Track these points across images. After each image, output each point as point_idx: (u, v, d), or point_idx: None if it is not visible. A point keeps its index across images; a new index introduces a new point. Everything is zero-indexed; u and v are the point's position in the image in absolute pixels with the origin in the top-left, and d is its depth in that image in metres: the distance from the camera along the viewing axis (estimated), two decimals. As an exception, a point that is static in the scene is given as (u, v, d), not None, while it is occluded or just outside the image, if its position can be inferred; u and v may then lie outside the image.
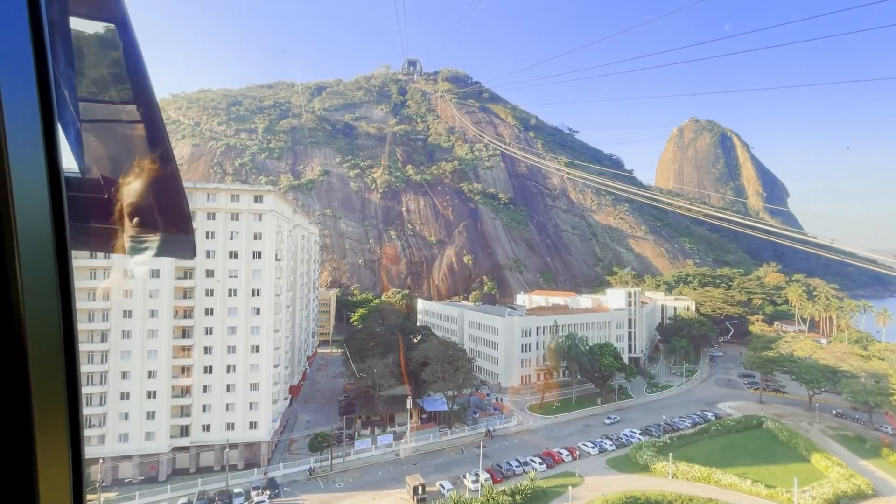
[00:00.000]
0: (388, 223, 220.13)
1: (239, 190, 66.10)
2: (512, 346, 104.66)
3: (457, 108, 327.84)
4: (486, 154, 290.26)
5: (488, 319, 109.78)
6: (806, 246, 59.38)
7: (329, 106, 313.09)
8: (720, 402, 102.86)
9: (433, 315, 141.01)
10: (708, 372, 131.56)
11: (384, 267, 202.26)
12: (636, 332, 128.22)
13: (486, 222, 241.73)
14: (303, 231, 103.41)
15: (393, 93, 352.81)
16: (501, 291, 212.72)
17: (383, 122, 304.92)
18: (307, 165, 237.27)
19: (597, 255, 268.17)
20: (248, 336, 65.38)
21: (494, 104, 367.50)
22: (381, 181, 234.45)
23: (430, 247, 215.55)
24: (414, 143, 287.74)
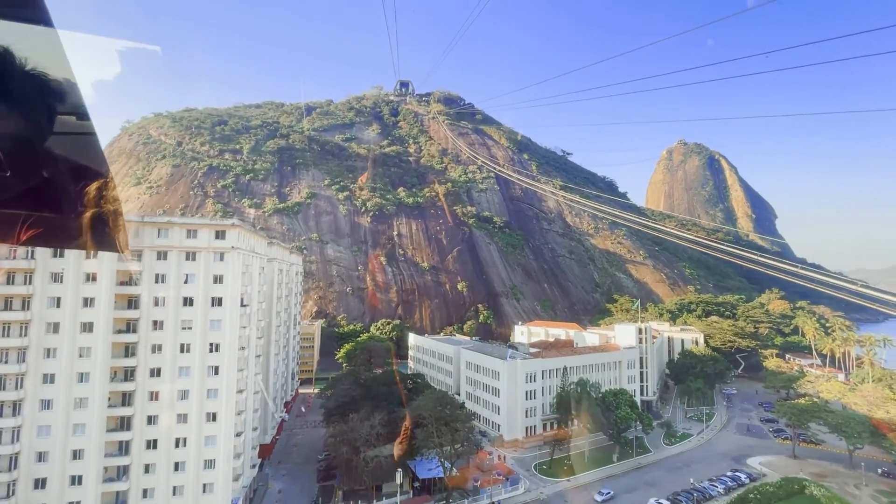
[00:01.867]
0: (378, 248, 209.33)
1: (196, 225, 55.23)
2: (515, 392, 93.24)
3: (450, 130, 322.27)
4: (480, 176, 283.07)
5: (488, 362, 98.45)
6: (796, 278, 51.19)
7: (319, 126, 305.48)
8: (748, 455, 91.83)
9: (426, 352, 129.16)
10: (726, 415, 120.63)
11: (374, 295, 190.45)
12: (648, 373, 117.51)
13: (481, 247, 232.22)
14: (280, 265, 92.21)
15: (385, 113, 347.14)
16: (498, 320, 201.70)
17: (375, 143, 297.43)
18: (294, 187, 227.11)
19: (595, 281, 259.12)
20: (202, 402, 53.51)
21: (487, 126, 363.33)
22: (372, 204, 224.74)
23: (423, 273, 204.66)
24: (406, 165, 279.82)
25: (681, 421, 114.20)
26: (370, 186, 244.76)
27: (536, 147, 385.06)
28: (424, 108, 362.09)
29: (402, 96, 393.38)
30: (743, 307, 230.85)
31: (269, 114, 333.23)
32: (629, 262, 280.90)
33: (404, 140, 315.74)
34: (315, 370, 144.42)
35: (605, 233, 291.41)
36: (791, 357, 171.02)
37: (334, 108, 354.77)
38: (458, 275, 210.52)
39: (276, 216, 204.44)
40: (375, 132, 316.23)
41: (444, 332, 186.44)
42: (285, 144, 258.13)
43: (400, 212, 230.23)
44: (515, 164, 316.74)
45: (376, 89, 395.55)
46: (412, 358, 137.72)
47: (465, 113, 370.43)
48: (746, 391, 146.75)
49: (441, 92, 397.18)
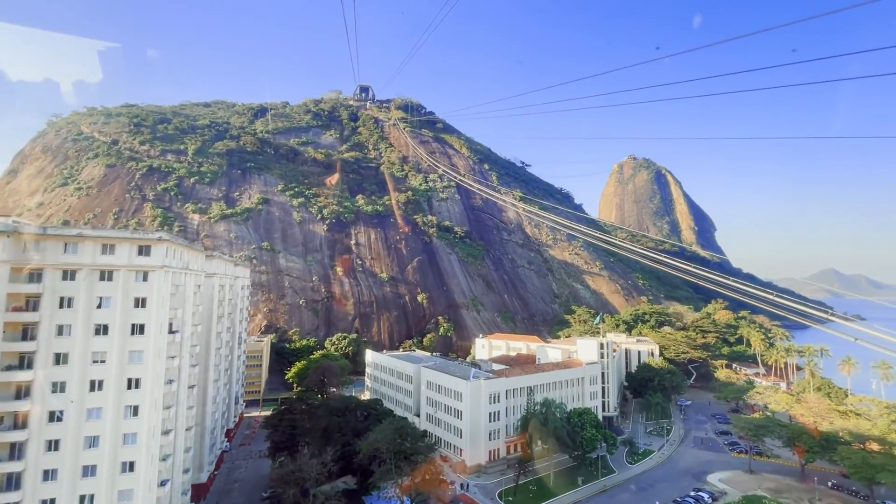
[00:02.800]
0: (334, 258, 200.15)
1: (114, 239, 46.78)
2: (478, 414, 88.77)
3: (410, 137, 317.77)
4: (441, 185, 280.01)
5: (450, 382, 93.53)
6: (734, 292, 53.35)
7: (273, 128, 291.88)
8: (708, 472, 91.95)
9: (384, 370, 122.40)
10: (683, 428, 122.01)
11: (329, 308, 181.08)
12: (609, 388, 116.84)
13: (442, 257, 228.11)
14: (222, 280, 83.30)
15: (344, 118, 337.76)
16: (458, 333, 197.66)
17: (332, 148, 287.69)
18: (244, 192, 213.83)
19: (554, 292, 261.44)
20: (117, 449, 44.97)
21: (448, 135, 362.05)
22: (329, 211, 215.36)
23: (382, 284, 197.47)
24: (366, 172, 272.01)
25: (641, 436, 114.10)
26: (335, 192, 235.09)
27: (497, 157, 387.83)
28: (385, 115, 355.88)
29: (361, 101, 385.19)
30: (692, 317, 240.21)
31: (219, 113, 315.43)
32: (586, 273, 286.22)
33: (364, 146, 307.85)
34: (263, 390, 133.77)
35: (564, 244, 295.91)
36: (738, 367, 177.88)
37: (290, 110, 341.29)
38: (417, 286, 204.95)
39: (223, 223, 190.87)
40: (334, 137, 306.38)
41: (404, 346, 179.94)
42: (236, 146, 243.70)
43: (358, 220, 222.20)
44: (476, 173, 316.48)
45: (335, 93, 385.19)
46: (369, 376, 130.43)
47: (425, 121, 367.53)
48: (699, 402, 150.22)
49: (402, 99, 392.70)
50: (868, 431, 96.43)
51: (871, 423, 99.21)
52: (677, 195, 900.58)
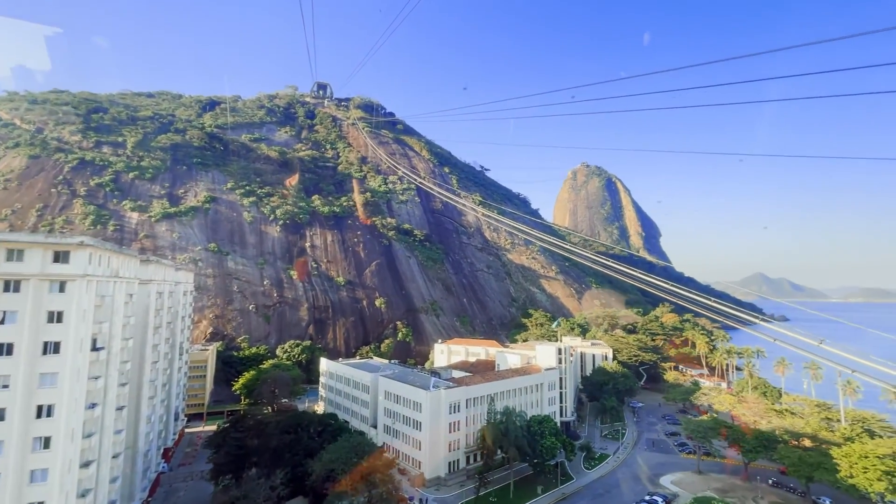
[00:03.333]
0: (288, 261, 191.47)
1: (22, 243, 40.44)
2: (438, 425, 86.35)
3: (370, 137, 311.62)
4: (401, 187, 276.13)
5: (410, 392, 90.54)
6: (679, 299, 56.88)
7: (223, 123, 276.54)
8: (661, 474, 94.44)
9: (339, 379, 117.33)
10: (636, 430, 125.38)
11: (282, 313, 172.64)
12: (567, 393, 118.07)
13: (401, 261, 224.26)
14: (160, 286, 76.10)
15: (300, 115, 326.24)
16: (417, 338, 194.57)
17: (288, 146, 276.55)
18: (189, 190, 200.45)
19: (512, 296, 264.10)
20: (21, 489, 38.67)
21: (409, 137, 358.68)
22: (282, 212, 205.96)
23: (338, 289, 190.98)
24: (322, 171, 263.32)
25: (597, 439, 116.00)
26: (291, 192, 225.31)
27: (457, 161, 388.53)
28: (343, 113, 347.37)
29: (319, 99, 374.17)
30: (642, 320, 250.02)
31: (164, 105, 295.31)
32: (543, 277, 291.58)
33: (321, 145, 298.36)
34: (207, 403, 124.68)
35: (521, 248, 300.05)
36: (684, 368, 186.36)
37: (242, 104, 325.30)
38: (376, 290, 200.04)
39: (165, 222, 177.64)
40: (289, 134, 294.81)
41: (361, 352, 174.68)
42: (181, 141, 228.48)
43: (314, 221, 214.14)
44: (436, 176, 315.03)
45: (291, 89, 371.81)
46: (324, 386, 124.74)
47: (385, 122, 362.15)
48: (650, 403, 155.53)
49: (361, 98, 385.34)
50: (802, 429, 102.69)
51: (804, 422, 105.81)
52: (626, 202, 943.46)
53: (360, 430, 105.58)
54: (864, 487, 70.36)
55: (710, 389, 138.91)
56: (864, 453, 73.69)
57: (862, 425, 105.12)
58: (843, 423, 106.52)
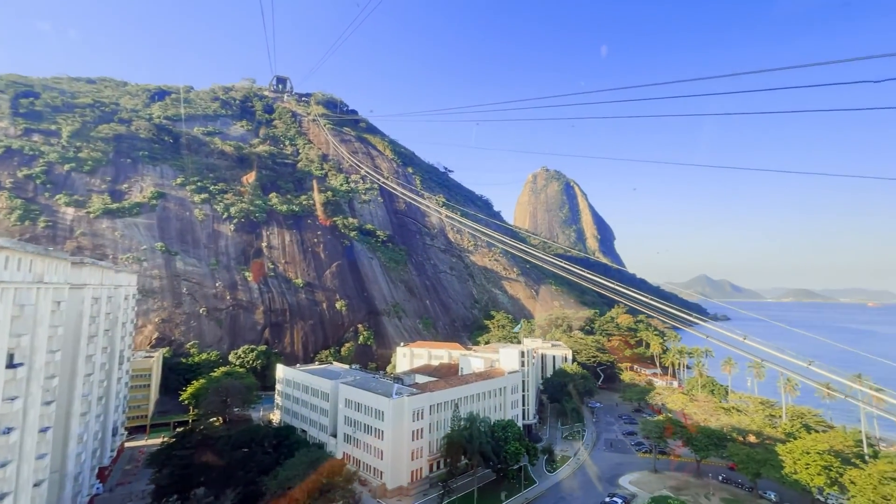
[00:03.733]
0: (243, 262, 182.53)
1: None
2: (401, 433, 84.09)
3: (332, 135, 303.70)
4: (364, 187, 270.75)
5: (372, 400, 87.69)
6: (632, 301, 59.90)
7: (174, 115, 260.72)
8: (619, 475, 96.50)
9: (297, 387, 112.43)
10: (595, 430, 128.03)
11: (236, 317, 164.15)
12: (529, 396, 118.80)
13: (363, 262, 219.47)
14: (96, 291, 69.46)
15: (258, 109, 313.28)
16: (379, 341, 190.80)
17: (244, 141, 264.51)
18: (135, 185, 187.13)
19: (474, 297, 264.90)
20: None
21: (372, 135, 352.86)
22: (237, 209, 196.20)
23: (296, 291, 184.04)
24: (281, 168, 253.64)
25: (558, 441, 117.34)
26: (248, 190, 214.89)
27: (420, 161, 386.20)
28: (304, 109, 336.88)
29: (278, 93, 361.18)
30: (599, 321, 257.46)
31: (106, 92, 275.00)
32: (504, 278, 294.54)
33: (279, 140, 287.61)
34: (151, 414, 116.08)
35: (484, 250, 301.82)
36: (639, 368, 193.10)
37: (195, 96, 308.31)
38: (336, 292, 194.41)
39: (106, 219, 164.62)
40: (245, 129, 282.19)
41: (319, 357, 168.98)
42: (126, 132, 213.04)
43: (272, 220, 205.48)
44: (400, 177, 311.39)
45: (248, 82, 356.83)
46: (280, 393, 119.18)
47: (348, 119, 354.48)
48: (608, 403, 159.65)
49: (323, 94, 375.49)
50: (748, 426, 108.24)
51: (750, 419, 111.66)
52: (583, 206, 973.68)
53: (318, 439, 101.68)
54: (806, 482, 74.50)
55: (663, 389, 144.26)
56: (805, 449, 78.08)
57: (800, 421, 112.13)
58: (784, 420, 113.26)
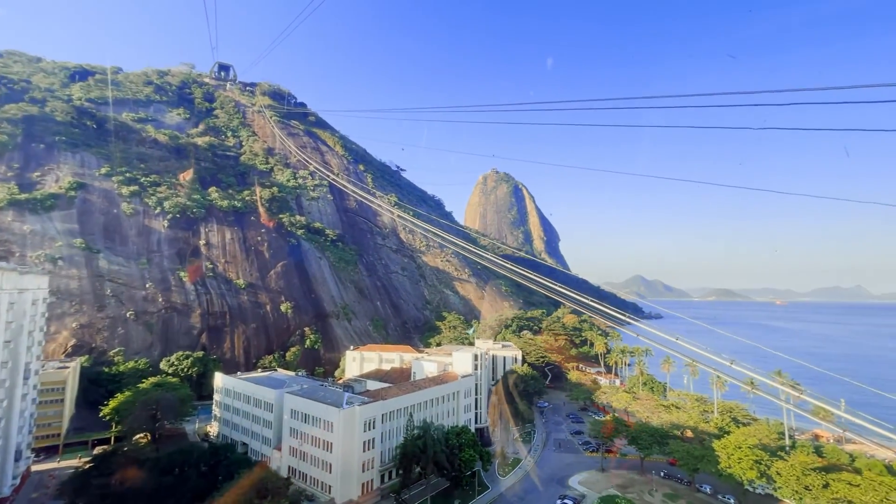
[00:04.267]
0: (178, 261, 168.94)
1: None
2: (352, 445, 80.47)
3: (278, 127, 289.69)
4: (312, 183, 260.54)
5: (320, 410, 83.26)
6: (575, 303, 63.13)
7: (99, 97, 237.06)
8: (569, 475, 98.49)
9: (237, 397, 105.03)
10: (544, 430, 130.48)
11: (169, 321, 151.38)
12: (482, 399, 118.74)
13: (311, 262, 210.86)
14: (-3, 298, 60.22)
15: (197, 97, 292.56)
16: (326, 345, 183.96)
17: (181, 130, 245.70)
18: (49, 173, 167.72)
19: (426, 298, 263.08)
20: None
21: (322, 130, 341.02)
22: (171, 204, 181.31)
23: (238, 292, 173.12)
24: (222, 161, 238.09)
25: (510, 443, 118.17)
26: (189, 183, 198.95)
27: (372, 159, 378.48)
28: (248, 99, 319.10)
29: (220, 81, 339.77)
30: (546, 321, 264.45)
31: (15, 68, 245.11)
32: (456, 279, 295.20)
33: (221, 131, 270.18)
34: (65, 433, 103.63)
35: (436, 250, 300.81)
36: (584, 367, 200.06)
37: (125, 78, 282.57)
38: (281, 294, 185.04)
39: (12, 211, 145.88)
40: (183, 117, 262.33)
41: (263, 362, 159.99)
42: (39, 113, 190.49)
43: (211, 216, 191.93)
44: (351, 174, 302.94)
45: (186, 67, 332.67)
46: (219, 404, 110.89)
47: (296, 112, 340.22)
48: (555, 402, 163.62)
49: (270, 85, 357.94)
50: (686, 422, 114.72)
51: (687, 415, 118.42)
52: (531, 208, 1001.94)
53: (261, 452, 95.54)
54: (740, 475, 79.47)
55: (608, 388, 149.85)
56: (738, 444, 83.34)
57: (730, 415, 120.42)
58: (716, 415, 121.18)
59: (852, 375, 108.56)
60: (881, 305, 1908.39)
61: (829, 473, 75.28)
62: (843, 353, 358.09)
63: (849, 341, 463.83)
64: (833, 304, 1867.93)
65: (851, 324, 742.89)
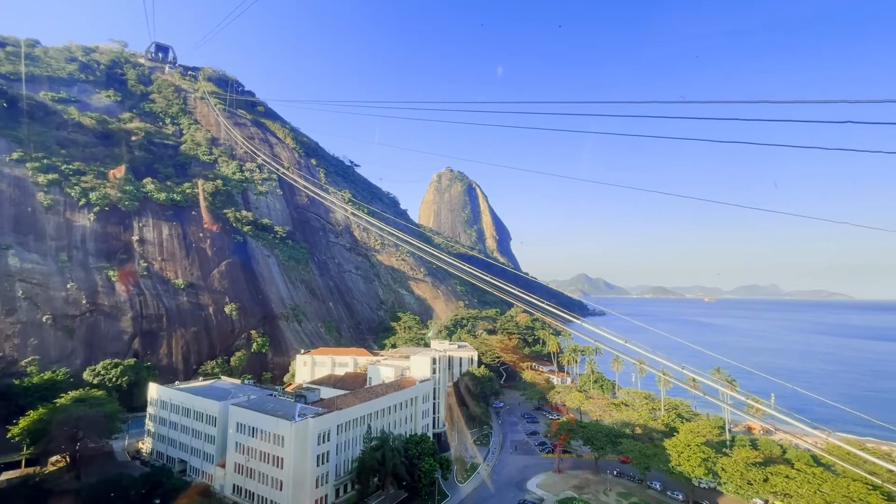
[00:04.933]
0: (106, 258, 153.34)
1: None
2: (304, 460, 75.63)
3: (224, 117, 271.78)
4: (260, 177, 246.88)
5: (270, 424, 77.56)
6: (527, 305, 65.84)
7: (9, 72, 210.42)
8: (527, 478, 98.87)
9: (175, 410, 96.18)
10: (501, 432, 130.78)
11: (94, 325, 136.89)
12: (440, 403, 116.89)
13: (258, 260, 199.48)
14: None
15: (130, 79, 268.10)
16: (275, 348, 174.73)
17: (111, 114, 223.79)
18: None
19: (380, 298, 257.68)
20: None
21: (271, 121, 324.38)
22: (98, 195, 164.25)
23: (176, 293, 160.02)
24: (159, 150, 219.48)
25: (468, 447, 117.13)
26: (121, 173, 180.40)
27: (325, 153, 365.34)
28: (190, 84, 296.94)
29: (157, 63, 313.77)
30: (501, 320, 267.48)
31: None
32: (411, 278, 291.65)
33: (158, 117, 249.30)
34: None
35: (391, 249, 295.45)
36: (537, 366, 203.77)
37: (42, 53, 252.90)
38: (225, 294, 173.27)
39: None
40: (113, 100, 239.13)
41: (204, 368, 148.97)
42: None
43: (146, 210, 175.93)
44: (302, 168, 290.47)
45: (116, 44, 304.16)
46: (153, 418, 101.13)
47: (243, 101, 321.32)
48: (510, 401, 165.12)
49: (214, 70, 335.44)
50: (636, 420, 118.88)
51: (637, 413, 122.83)
52: (484, 207, 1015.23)
53: (202, 470, 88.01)
54: (689, 473, 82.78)
55: (562, 388, 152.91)
56: (686, 443, 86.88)
57: (675, 412, 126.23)
58: (662, 412, 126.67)
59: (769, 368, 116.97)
60: (792, 302, 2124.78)
61: (767, 467, 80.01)
62: (761, 346, 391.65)
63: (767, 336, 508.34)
64: (753, 301, 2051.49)
65: (769, 319, 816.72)
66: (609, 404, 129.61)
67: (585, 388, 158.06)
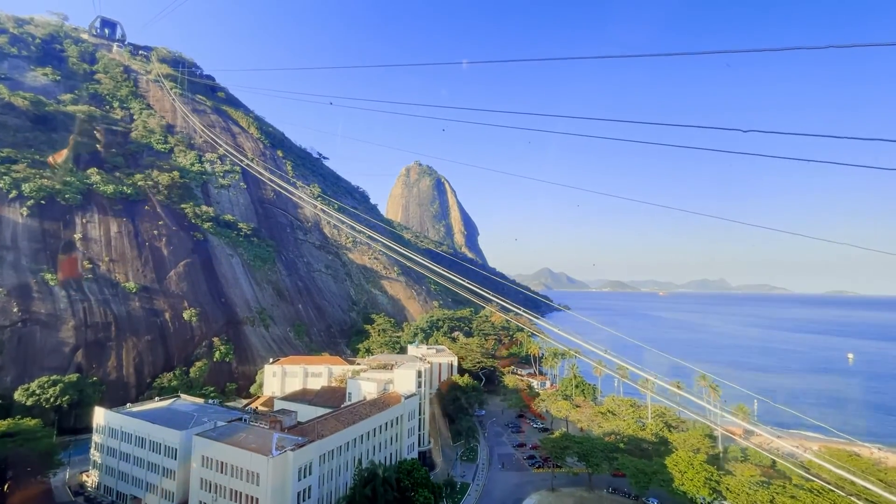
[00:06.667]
0: (43, 259, 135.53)
1: None
2: (283, 499, 66.52)
3: (181, 102, 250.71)
4: (222, 169, 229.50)
5: (242, 459, 67.78)
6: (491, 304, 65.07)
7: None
8: (520, 496, 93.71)
9: (127, 438, 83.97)
10: (486, 446, 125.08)
11: (29, 337, 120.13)
12: (425, 419, 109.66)
13: (221, 260, 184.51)
14: None
15: (72, 56, 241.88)
16: (240, 356, 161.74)
17: (49, 95, 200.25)
18: None
19: (352, 299, 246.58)
20: None
21: (234, 109, 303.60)
22: (33, 186, 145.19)
23: (127, 298, 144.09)
24: (107, 137, 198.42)
25: (456, 464, 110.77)
26: (62, 162, 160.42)
27: (292, 145, 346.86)
28: (142, 65, 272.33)
29: (103, 40, 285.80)
30: (476, 321, 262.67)
31: None
32: (384, 278, 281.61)
33: (105, 100, 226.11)
34: None
35: (363, 247, 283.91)
36: (517, 369, 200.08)
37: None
38: (184, 298, 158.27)
39: None
40: (51, 79, 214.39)
41: (161, 381, 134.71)
42: None
43: (91, 204, 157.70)
44: (268, 160, 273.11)
45: (55, 17, 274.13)
46: (100, 447, 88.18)
47: (203, 85, 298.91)
48: (491, 408, 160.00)
49: (169, 51, 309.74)
50: (624, 430, 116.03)
51: (625, 423, 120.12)
52: (452, 202, 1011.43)
53: (160, 511, 76.82)
54: (693, 493, 79.60)
55: (547, 396, 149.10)
56: (689, 462, 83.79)
57: (662, 420, 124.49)
58: (649, 420, 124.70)
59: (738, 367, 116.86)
60: (739, 296, 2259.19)
61: (771, 486, 77.92)
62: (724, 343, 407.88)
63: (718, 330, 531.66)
64: (703, 295, 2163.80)
65: (717, 313, 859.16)
66: (596, 413, 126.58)
67: (568, 392, 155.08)
